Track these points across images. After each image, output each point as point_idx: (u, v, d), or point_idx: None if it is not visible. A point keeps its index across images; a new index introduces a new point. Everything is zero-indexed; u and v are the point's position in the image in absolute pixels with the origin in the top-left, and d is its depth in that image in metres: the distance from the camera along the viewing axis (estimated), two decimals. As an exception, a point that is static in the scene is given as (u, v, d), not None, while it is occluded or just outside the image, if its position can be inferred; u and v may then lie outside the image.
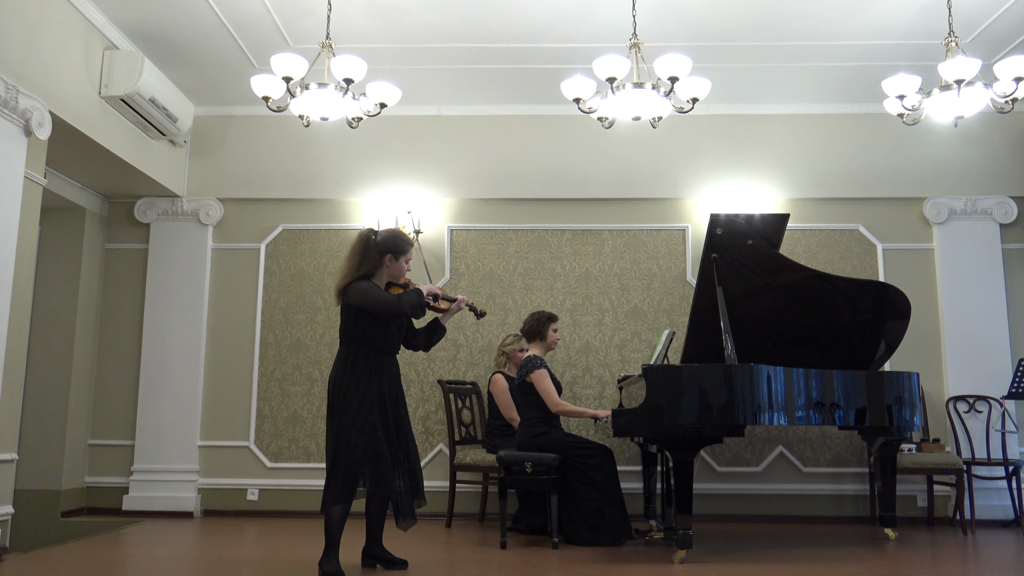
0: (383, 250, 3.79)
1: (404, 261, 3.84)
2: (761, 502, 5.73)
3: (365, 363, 3.69)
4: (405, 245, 3.85)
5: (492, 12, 4.89)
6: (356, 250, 3.79)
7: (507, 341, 5.55)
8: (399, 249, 3.82)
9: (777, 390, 4.15)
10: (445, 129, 6.19)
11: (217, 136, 6.21)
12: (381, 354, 3.74)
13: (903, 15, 4.89)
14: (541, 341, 4.88)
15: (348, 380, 3.66)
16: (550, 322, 4.89)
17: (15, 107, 4.17)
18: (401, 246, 3.83)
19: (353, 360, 3.69)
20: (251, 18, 4.96)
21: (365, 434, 3.58)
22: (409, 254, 3.86)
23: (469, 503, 5.73)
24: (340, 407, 3.64)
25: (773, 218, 4.69)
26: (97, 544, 4.58)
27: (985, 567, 4.20)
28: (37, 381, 5.64)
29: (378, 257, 3.78)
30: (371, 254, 3.77)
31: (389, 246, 3.81)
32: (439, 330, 3.98)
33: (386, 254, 3.79)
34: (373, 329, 3.71)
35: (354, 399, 3.62)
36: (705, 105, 5.84)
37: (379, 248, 3.79)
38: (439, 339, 4.00)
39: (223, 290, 6.11)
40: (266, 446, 5.92)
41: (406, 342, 3.96)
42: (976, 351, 5.75)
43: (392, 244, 3.82)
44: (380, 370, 3.71)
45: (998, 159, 5.97)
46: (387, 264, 3.80)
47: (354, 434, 3.57)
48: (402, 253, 3.82)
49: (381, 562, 3.74)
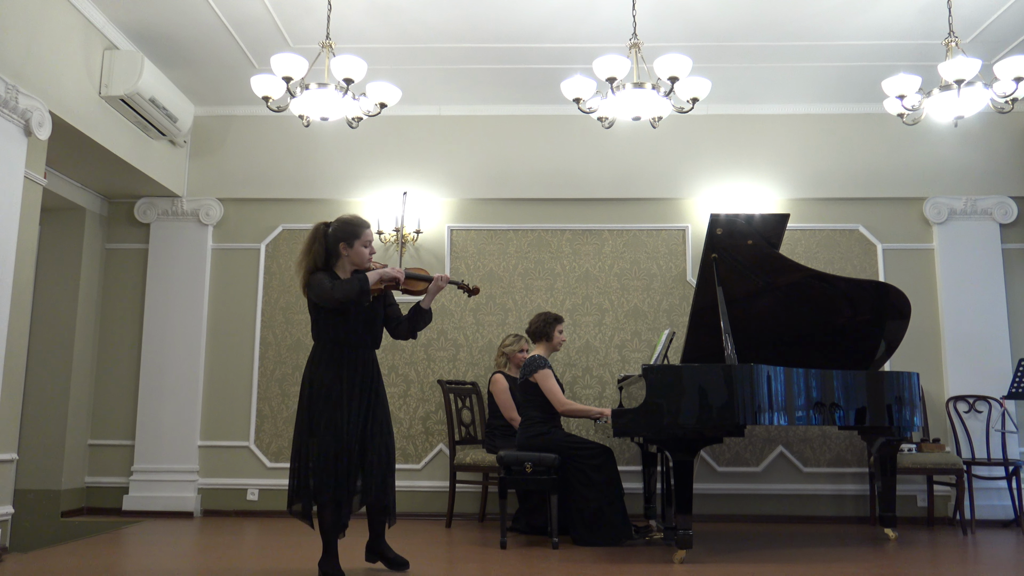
0: (335, 240, 3.65)
1: (361, 246, 3.64)
2: (761, 502, 5.73)
3: (331, 359, 3.60)
4: (358, 229, 3.65)
5: (492, 12, 4.89)
6: (306, 244, 3.66)
7: (507, 341, 5.55)
8: (352, 234, 3.63)
9: (777, 390, 4.15)
10: (445, 129, 6.19)
11: (217, 136, 6.21)
12: (348, 348, 3.62)
13: (903, 15, 4.89)
14: (547, 342, 4.88)
15: (312, 377, 3.59)
16: (556, 323, 4.90)
17: (15, 107, 4.17)
18: (353, 231, 3.64)
19: (319, 356, 3.62)
20: (251, 18, 4.96)
21: (320, 435, 3.50)
22: (364, 237, 3.65)
23: (469, 503, 5.73)
24: (302, 405, 3.59)
25: (773, 218, 4.69)
26: (97, 544, 4.58)
27: (985, 567, 4.20)
28: (37, 381, 5.64)
29: (332, 248, 3.65)
30: (319, 246, 3.63)
31: (340, 234, 3.64)
32: (423, 315, 3.79)
33: (338, 243, 3.64)
34: (335, 323, 3.61)
35: (317, 398, 3.55)
36: (705, 105, 5.84)
37: (331, 238, 3.65)
38: (424, 324, 3.82)
39: (223, 290, 6.11)
40: (266, 446, 5.92)
41: (392, 331, 3.85)
42: (976, 351, 5.75)
43: (343, 231, 3.64)
44: (344, 365, 3.59)
45: (998, 159, 5.97)
46: (343, 253, 3.64)
47: (308, 435, 3.52)
48: (356, 238, 3.63)
49: (383, 560, 3.73)
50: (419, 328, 3.84)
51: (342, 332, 3.62)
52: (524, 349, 5.49)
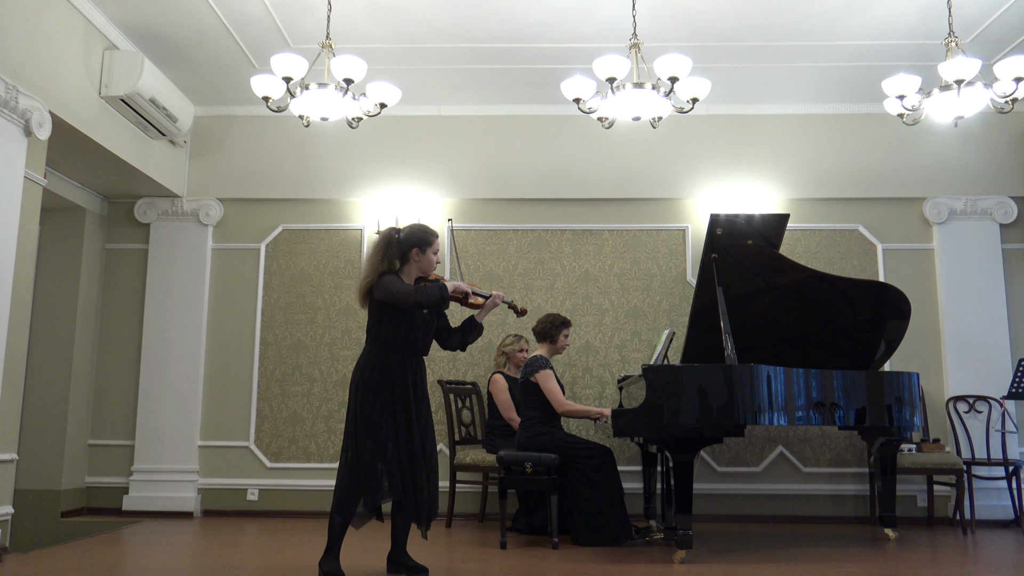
0: (408, 245, 3.71)
1: (431, 253, 3.73)
2: (761, 502, 5.73)
3: (384, 363, 3.61)
4: (430, 236, 3.74)
5: (492, 12, 4.89)
6: (379, 247, 3.70)
7: (506, 341, 5.55)
8: (424, 241, 3.72)
9: (777, 390, 4.15)
10: (445, 129, 6.19)
11: (217, 136, 6.21)
12: (404, 354, 3.65)
13: (903, 15, 4.89)
14: (551, 344, 4.88)
15: (364, 381, 3.60)
16: (564, 327, 4.90)
17: (15, 107, 4.17)
18: (426, 238, 3.73)
19: (373, 360, 3.63)
20: (251, 18, 4.96)
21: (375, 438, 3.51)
22: (435, 246, 3.76)
23: (469, 503, 5.74)
24: (354, 409, 3.59)
25: (773, 218, 4.69)
26: (97, 544, 4.58)
27: (985, 567, 4.20)
28: (37, 381, 5.64)
29: (404, 253, 3.71)
30: (394, 250, 3.69)
31: (414, 240, 3.72)
32: (475, 328, 3.88)
33: (412, 248, 3.71)
34: (397, 327, 3.62)
35: (367, 401, 3.57)
36: (705, 105, 5.84)
37: (404, 243, 3.71)
38: (475, 338, 3.90)
39: (223, 290, 6.10)
40: (266, 446, 5.92)
41: (441, 341, 3.89)
42: (976, 351, 5.75)
43: (417, 237, 3.72)
44: (400, 371, 3.62)
45: (998, 159, 5.97)
46: (414, 259, 3.71)
47: (365, 440, 3.52)
48: (428, 245, 3.72)
49: (404, 569, 3.68)
50: (470, 341, 3.91)
51: (405, 337, 3.64)
52: (524, 349, 5.50)
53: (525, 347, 5.51)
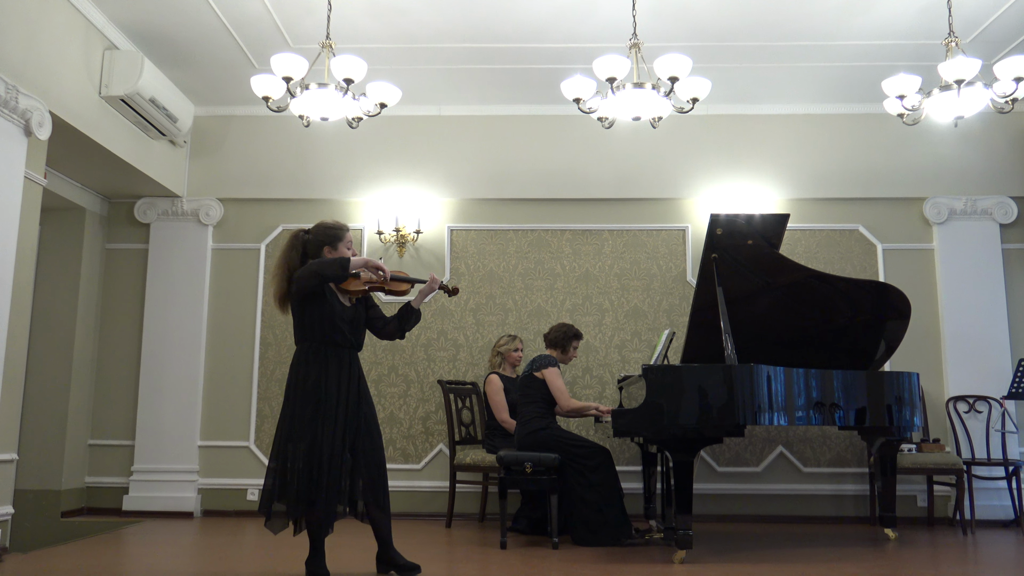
0: (318, 244, 3.70)
1: (344, 248, 3.72)
2: (761, 502, 5.73)
3: (315, 359, 3.59)
4: (340, 231, 3.73)
5: (492, 12, 4.89)
6: (285, 251, 3.69)
7: (502, 341, 5.56)
8: (334, 237, 3.71)
9: (777, 390, 4.15)
10: (445, 129, 6.19)
11: (217, 136, 6.21)
12: (333, 348, 3.62)
13: (903, 15, 4.89)
14: (561, 352, 4.93)
15: (296, 378, 3.58)
16: (575, 339, 4.96)
17: (15, 107, 4.17)
18: (335, 233, 3.72)
19: (303, 357, 3.61)
20: (251, 18, 4.96)
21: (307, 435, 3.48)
22: (347, 239, 3.74)
23: (469, 503, 5.73)
24: (287, 406, 3.57)
25: (773, 218, 4.69)
26: (97, 544, 4.58)
27: (985, 567, 4.20)
28: (37, 381, 5.64)
29: (316, 253, 3.69)
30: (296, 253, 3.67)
31: (323, 238, 3.70)
32: (412, 314, 3.83)
33: (323, 247, 3.70)
34: (321, 322, 3.60)
35: (303, 398, 3.54)
36: (705, 105, 5.84)
37: (313, 244, 3.71)
38: (413, 324, 3.85)
39: (223, 290, 6.11)
40: (266, 446, 5.91)
41: (378, 332, 3.85)
42: (976, 351, 5.75)
43: (325, 235, 3.70)
44: (330, 365, 3.59)
45: (998, 159, 5.97)
46: (327, 256, 3.68)
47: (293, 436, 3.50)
48: (339, 240, 3.71)
49: (394, 567, 3.67)
50: (408, 328, 3.85)
51: (327, 332, 3.62)
52: (519, 348, 5.52)
53: (520, 347, 5.54)
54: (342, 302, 3.70)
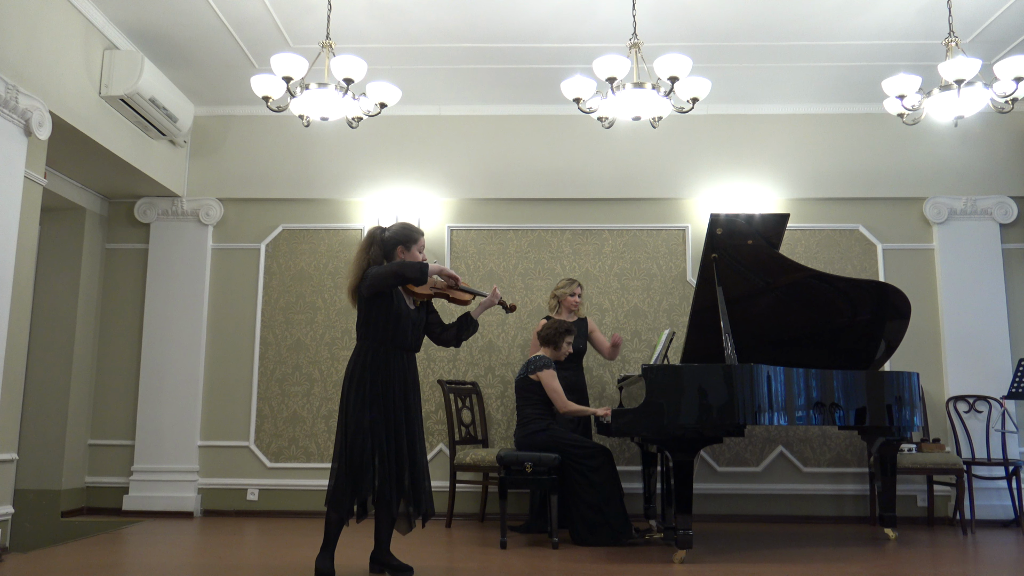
0: (393, 243, 3.77)
1: (417, 251, 3.78)
2: (761, 502, 5.73)
3: (374, 359, 3.64)
4: (415, 234, 3.80)
5: (492, 12, 4.89)
6: (364, 246, 3.77)
7: (560, 284, 5.43)
8: (409, 239, 3.78)
9: (777, 390, 4.15)
10: (445, 129, 6.19)
11: (217, 136, 6.21)
12: (394, 349, 3.68)
13: (903, 15, 4.89)
14: (554, 349, 4.92)
15: (356, 378, 3.63)
16: (567, 335, 4.94)
17: (15, 107, 4.17)
18: (411, 235, 3.79)
19: (363, 357, 3.65)
20: (251, 18, 4.96)
21: (363, 435, 3.54)
22: (421, 243, 3.81)
23: (469, 503, 5.73)
24: (344, 407, 3.62)
25: (773, 218, 4.69)
26: (97, 544, 4.58)
27: (985, 567, 4.20)
28: (37, 381, 5.64)
29: (389, 251, 3.76)
30: (377, 249, 3.74)
31: (399, 238, 3.78)
32: (471, 324, 3.89)
33: (396, 246, 3.76)
34: (385, 323, 3.65)
35: (357, 399, 3.59)
36: (705, 105, 5.84)
37: (389, 242, 3.77)
38: (471, 334, 3.90)
39: (223, 290, 6.10)
40: (266, 446, 5.92)
41: (434, 337, 3.91)
42: (976, 351, 5.75)
43: (402, 235, 3.79)
44: (389, 367, 3.64)
45: (998, 159, 5.97)
46: (400, 256, 3.76)
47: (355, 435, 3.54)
48: (413, 243, 3.78)
49: (388, 568, 3.69)
50: (465, 337, 3.91)
51: (392, 333, 3.67)
52: (576, 293, 5.38)
53: (578, 292, 5.40)
54: (407, 305, 3.75)
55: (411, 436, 3.66)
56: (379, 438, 3.56)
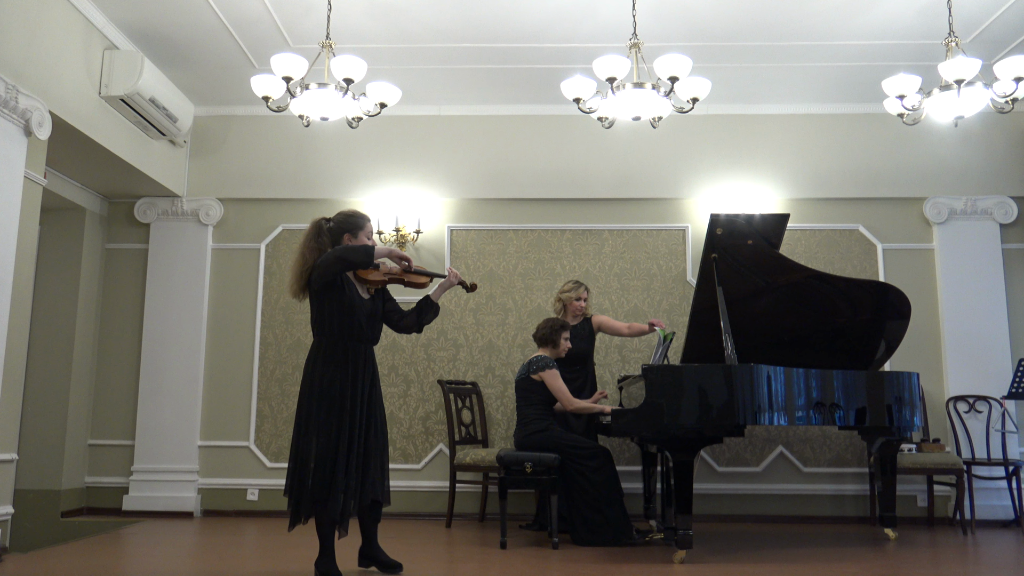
0: (339, 231, 3.70)
1: (364, 237, 3.71)
2: (761, 502, 5.72)
3: (333, 354, 3.58)
4: (361, 220, 3.73)
5: (492, 12, 4.89)
6: (309, 237, 3.67)
7: (565, 287, 5.33)
8: (356, 225, 3.71)
9: (777, 390, 4.15)
10: (445, 129, 6.19)
11: (217, 136, 6.21)
12: (352, 343, 3.62)
13: (903, 15, 4.89)
14: (552, 348, 4.91)
15: (313, 373, 3.58)
16: (563, 331, 4.92)
17: (15, 107, 4.16)
18: (357, 221, 3.72)
19: (321, 352, 3.60)
20: (251, 18, 4.96)
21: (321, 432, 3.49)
22: (368, 228, 3.74)
23: (469, 503, 5.73)
24: (303, 402, 3.57)
25: (773, 218, 4.69)
26: (97, 544, 4.58)
27: (985, 567, 4.20)
28: (37, 381, 5.64)
29: (337, 240, 3.68)
30: (325, 239, 3.66)
31: (345, 225, 3.71)
32: (431, 307, 3.83)
33: (343, 234, 3.69)
34: (340, 315, 3.60)
35: (319, 395, 3.54)
36: (705, 105, 5.83)
37: (335, 231, 3.70)
38: (432, 318, 3.83)
39: (223, 290, 6.10)
40: (266, 446, 5.92)
41: (395, 325, 3.84)
42: (976, 351, 5.75)
43: (348, 223, 3.71)
44: (348, 361, 3.59)
45: (998, 159, 5.97)
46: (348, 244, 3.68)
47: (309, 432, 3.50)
48: (360, 228, 3.71)
49: (376, 564, 3.70)
50: (426, 321, 3.84)
51: (347, 326, 3.61)
52: (582, 297, 5.29)
53: (584, 296, 5.30)
54: (360, 295, 3.69)
55: (375, 431, 3.63)
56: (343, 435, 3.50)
